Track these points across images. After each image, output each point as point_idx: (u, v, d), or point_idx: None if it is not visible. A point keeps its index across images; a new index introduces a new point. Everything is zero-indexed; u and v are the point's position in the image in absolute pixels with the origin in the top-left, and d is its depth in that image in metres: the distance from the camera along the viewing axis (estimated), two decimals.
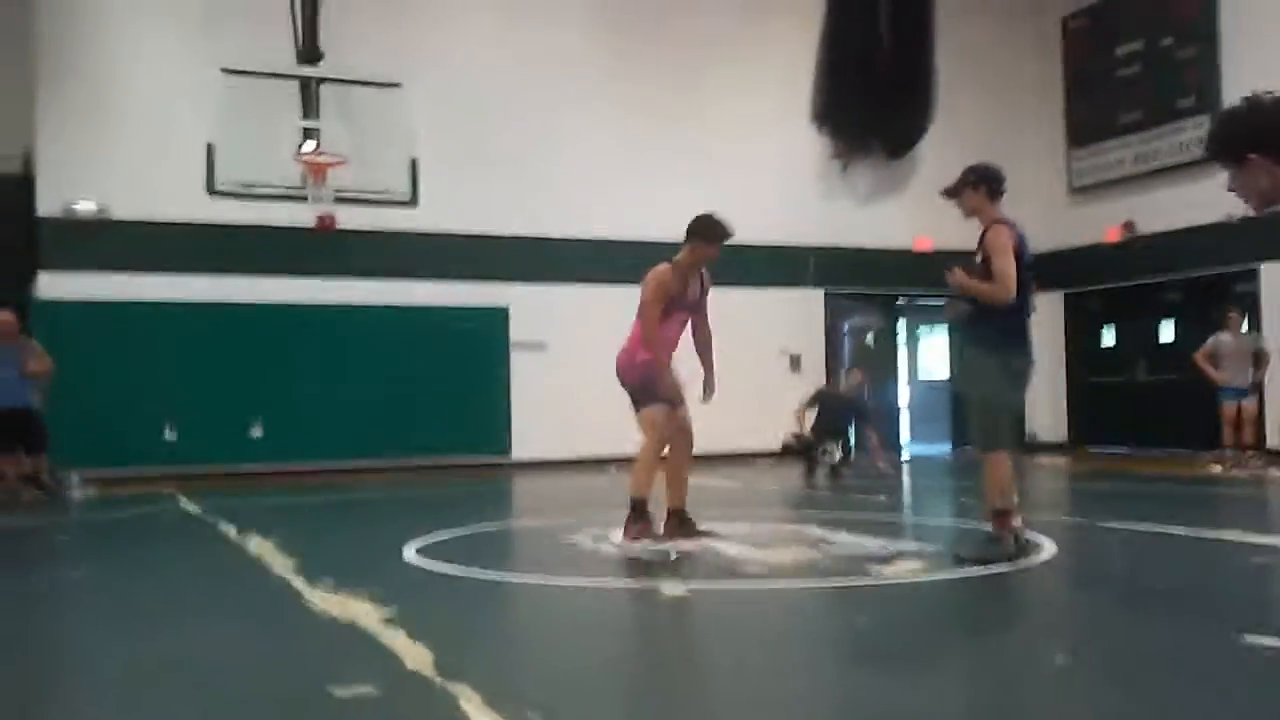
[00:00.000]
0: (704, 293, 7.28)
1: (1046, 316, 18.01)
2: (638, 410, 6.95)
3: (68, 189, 13.56)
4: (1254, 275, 14.64)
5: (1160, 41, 16.04)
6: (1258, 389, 12.60)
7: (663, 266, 7.03)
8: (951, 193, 6.49)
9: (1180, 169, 15.43)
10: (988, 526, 6.02)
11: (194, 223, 13.64)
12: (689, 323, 7.21)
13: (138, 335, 13.37)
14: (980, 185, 6.41)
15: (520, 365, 14.96)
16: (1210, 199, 13.40)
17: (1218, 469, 12.16)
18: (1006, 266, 5.95)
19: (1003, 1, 18.00)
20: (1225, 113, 3.84)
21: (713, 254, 7.12)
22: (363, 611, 4.69)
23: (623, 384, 7.04)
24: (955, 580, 5.61)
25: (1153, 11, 16.14)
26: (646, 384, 6.88)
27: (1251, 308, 14.11)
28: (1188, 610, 4.79)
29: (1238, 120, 3.61)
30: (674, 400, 6.93)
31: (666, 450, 7.01)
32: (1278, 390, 13.03)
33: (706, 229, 7.09)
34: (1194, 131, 15.28)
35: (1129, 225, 16.55)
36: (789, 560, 6.08)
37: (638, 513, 6.84)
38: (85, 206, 13.57)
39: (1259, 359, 12.38)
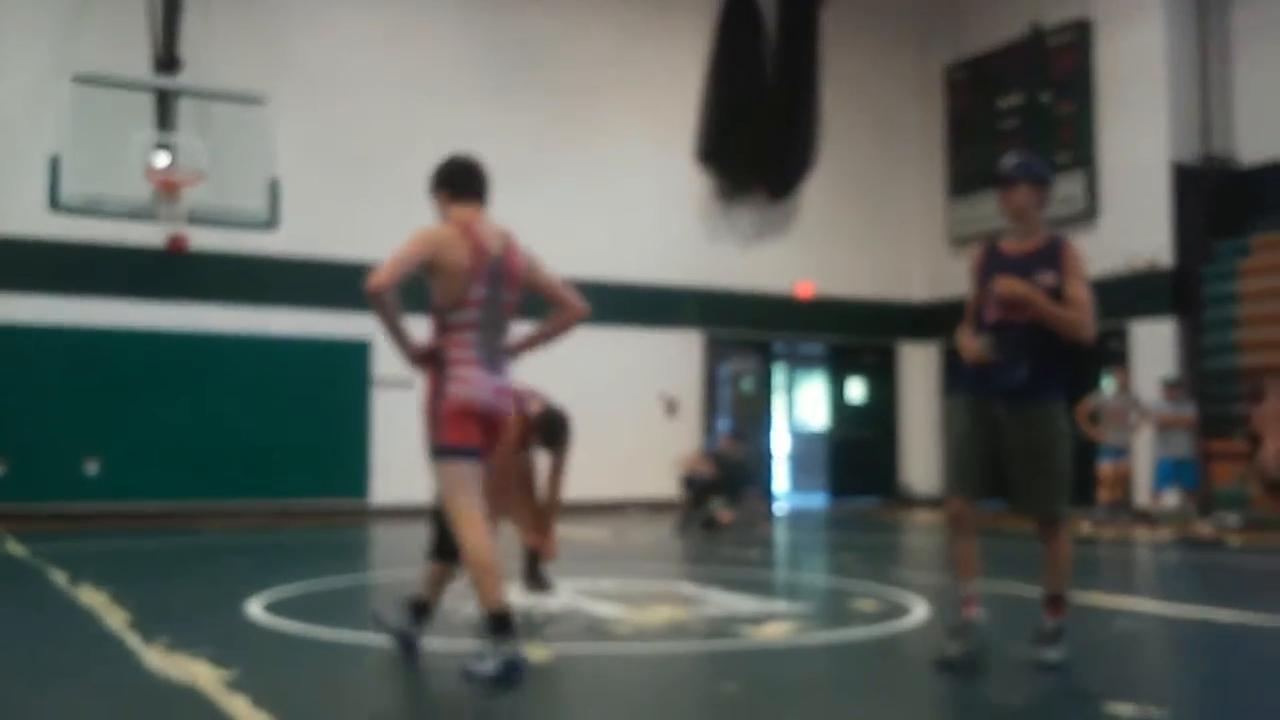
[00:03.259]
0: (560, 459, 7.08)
1: (924, 368, 18.18)
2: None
3: None
4: (1124, 334, 14.87)
5: (1039, 96, 16.34)
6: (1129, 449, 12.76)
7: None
8: (1002, 184, 5.05)
9: (1058, 224, 15.67)
10: (1049, 619, 4.92)
11: (32, 239, 12.79)
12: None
13: None
14: (1044, 186, 5.07)
15: (383, 403, 14.31)
16: (1086, 252, 13.61)
17: (1086, 528, 12.20)
18: (1087, 292, 4.81)
19: (889, 47, 18.21)
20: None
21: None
22: (202, 674, 4.47)
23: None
24: (826, 645, 5.50)
25: (1031, 67, 16.45)
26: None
27: (1121, 366, 14.30)
28: (1052, 676, 4.73)
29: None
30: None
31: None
32: (1143, 450, 13.18)
33: (542, 426, 6.88)
34: (1071, 186, 15.54)
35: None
36: (659, 620, 5.89)
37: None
38: None
39: (1137, 418, 12.50)
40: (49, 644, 5.41)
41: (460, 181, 4.82)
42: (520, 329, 4.98)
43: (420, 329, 4.55)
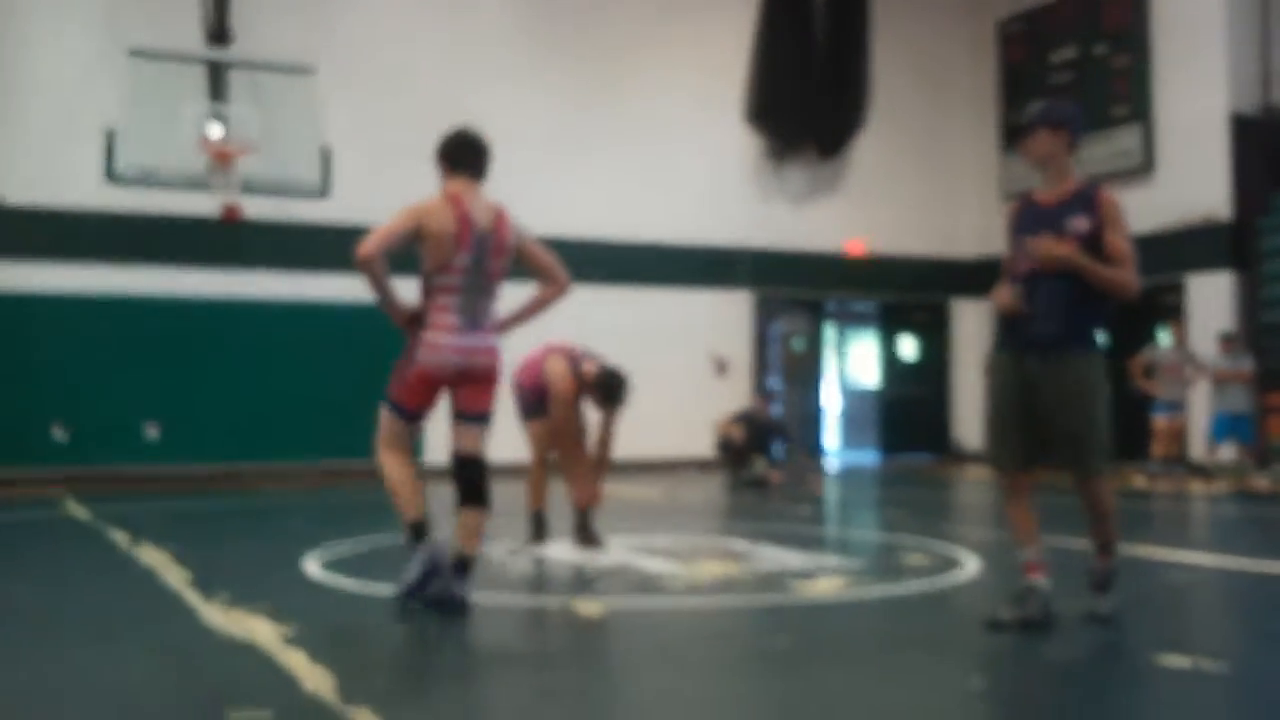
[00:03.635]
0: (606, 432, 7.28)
1: (976, 324, 18.05)
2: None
3: None
4: (1180, 288, 14.66)
5: (1093, 49, 16.07)
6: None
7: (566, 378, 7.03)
8: (1022, 132, 4.84)
9: (1113, 177, 15.43)
10: (1100, 565, 4.93)
11: (92, 211, 13.05)
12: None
13: (28, 327, 12.82)
14: (1063, 129, 4.78)
15: None
16: (1142, 207, 13.42)
17: (1141, 481, 12.11)
18: (1129, 245, 4.66)
19: (939, 3, 17.95)
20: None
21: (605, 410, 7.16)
22: (261, 629, 4.50)
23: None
24: (876, 599, 5.49)
25: (1086, 19, 16.17)
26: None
27: (1177, 320, 14.12)
28: (1104, 629, 4.72)
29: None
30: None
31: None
32: (1199, 404, 13.02)
33: (600, 386, 7.11)
34: (1127, 140, 15.30)
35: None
36: (710, 576, 5.91)
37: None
38: None
39: (1192, 373, 12.35)
40: (112, 602, 5.51)
41: (458, 155, 5.27)
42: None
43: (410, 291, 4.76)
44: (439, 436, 5.84)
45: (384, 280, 4.93)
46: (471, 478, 5.20)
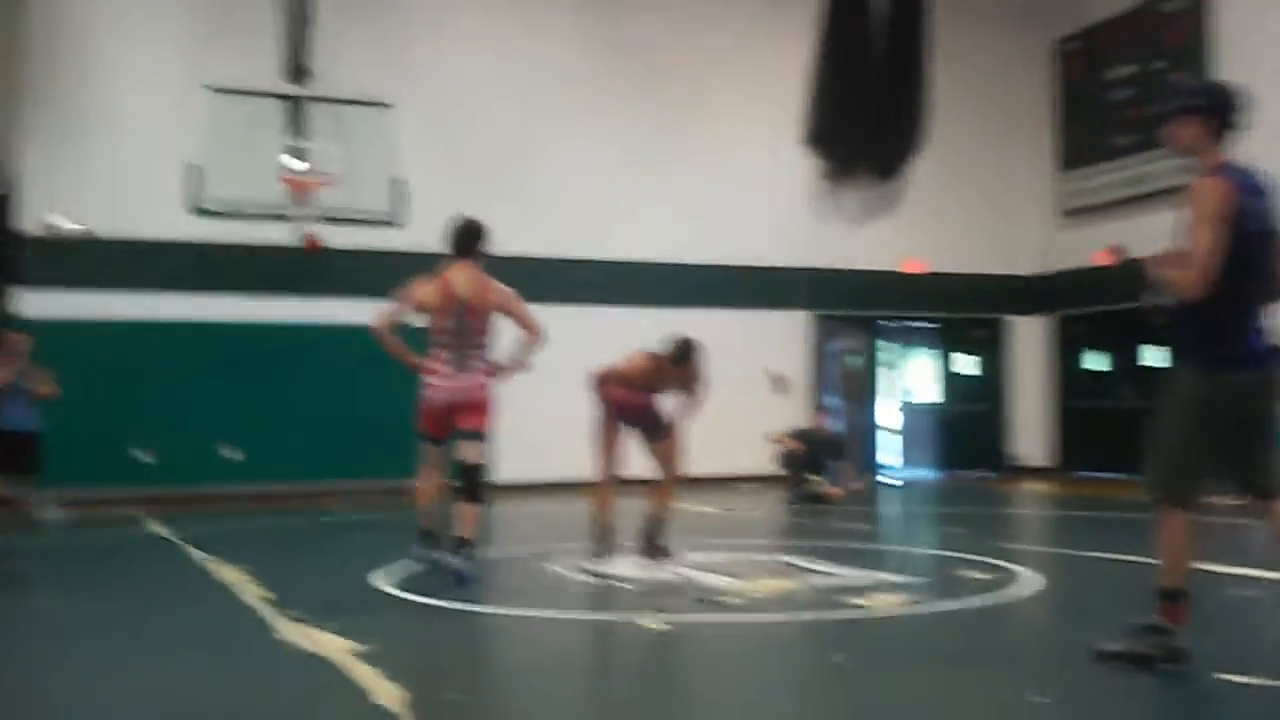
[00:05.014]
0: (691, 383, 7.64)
1: (1035, 340, 18.05)
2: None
3: (50, 206, 13.43)
4: None
5: (1152, 65, 16.04)
6: None
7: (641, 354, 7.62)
8: (1161, 120, 4.42)
9: (1172, 193, 15.39)
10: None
11: (176, 241, 13.55)
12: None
13: (115, 354, 13.23)
14: (1204, 114, 4.27)
15: (500, 387, 14.79)
16: None
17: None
18: (1205, 239, 4.10)
19: (997, 22, 18.00)
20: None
21: (685, 371, 7.59)
22: (333, 644, 4.61)
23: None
24: (937, 613, 5.55)
25: (1145, 36, 16.14)
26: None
27: None
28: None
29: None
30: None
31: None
32: None
33: (673, 353, 7.61)
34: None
35: (1118, 249, 16.52)
36: (769, 591, 6.01)
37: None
38: (67, 224, 13.45)
39: None
40: (192, 617, 5.73)
41: (451, 244, 6.87)
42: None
43: None
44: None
45: (395, 344, 6.81)
46: (470, 480, 6.61)
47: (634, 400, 7.39)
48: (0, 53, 13.58)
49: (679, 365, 7.46)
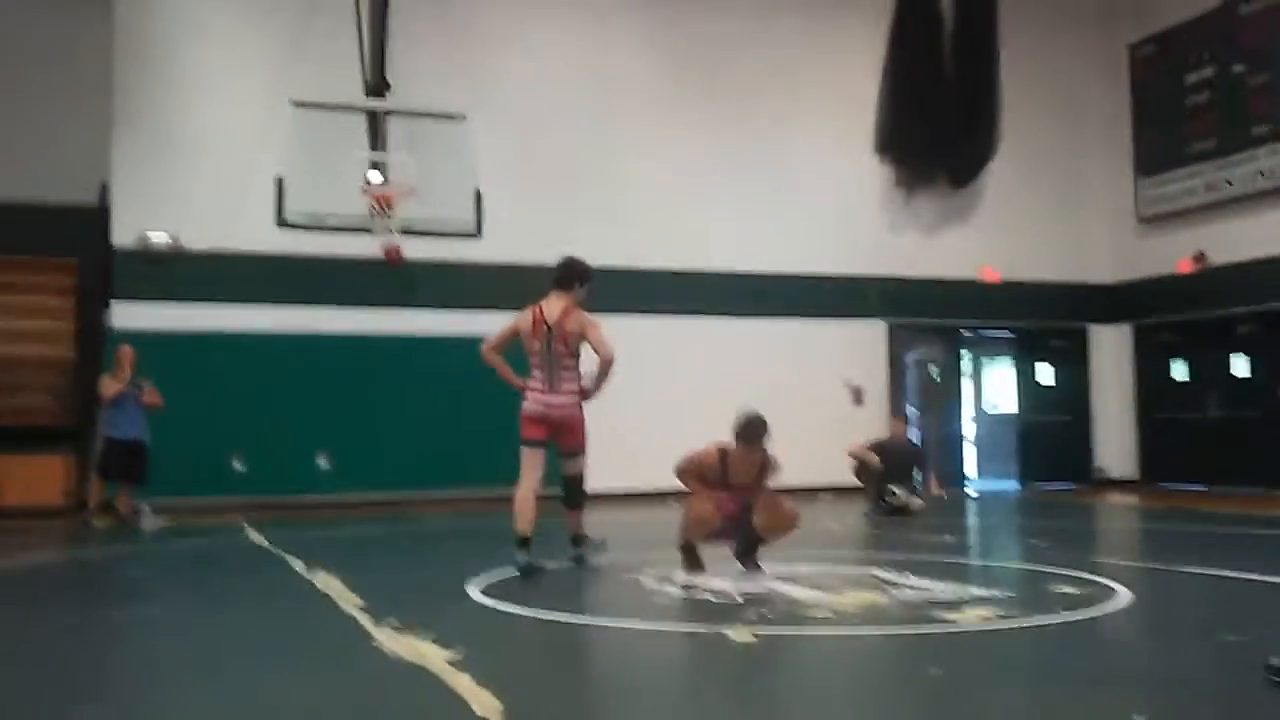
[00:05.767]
0: (765, 472, 7.40)
1: (1116, 349, 17.80)
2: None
3: (142, 220, 13.87)
4: None
5: (1231, 68, 15.80)
6: None
7: (710, 449, 7.36)
8: None
9: (1254, 198, 15.16)
10: None
11: (264, 254, 13.89)
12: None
13: (207, 365, 13.64)
14: None
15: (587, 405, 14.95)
16: None
17: None
18: None
19: (1069, 29, 17.86)
20: None
21: (751, 456, 7.28)
22: (429, 653, 4.67)
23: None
24: (1028, 628, 5.49)
25: (1222, 38, 15.91)
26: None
27: None
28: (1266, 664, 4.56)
29: None
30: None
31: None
32: None
33: (740, 429, 7.27)
34: (1268, 159, 15.00)
35: (1200, 256, 16.27)
36: (857, 605, 6.00)
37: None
38: (159, 237, 13.86)
39: None
40: (291, 625, 5.84)
41: (553, 276, 7.82)
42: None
43: None
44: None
45: (501, 366, 7.83)
46: (571, 491, 7.83)
47: (731, 508, 7.32)
48: (92, 72, 14.02)
49: (748, 444, 7.24)
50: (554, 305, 7.66)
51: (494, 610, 6.00)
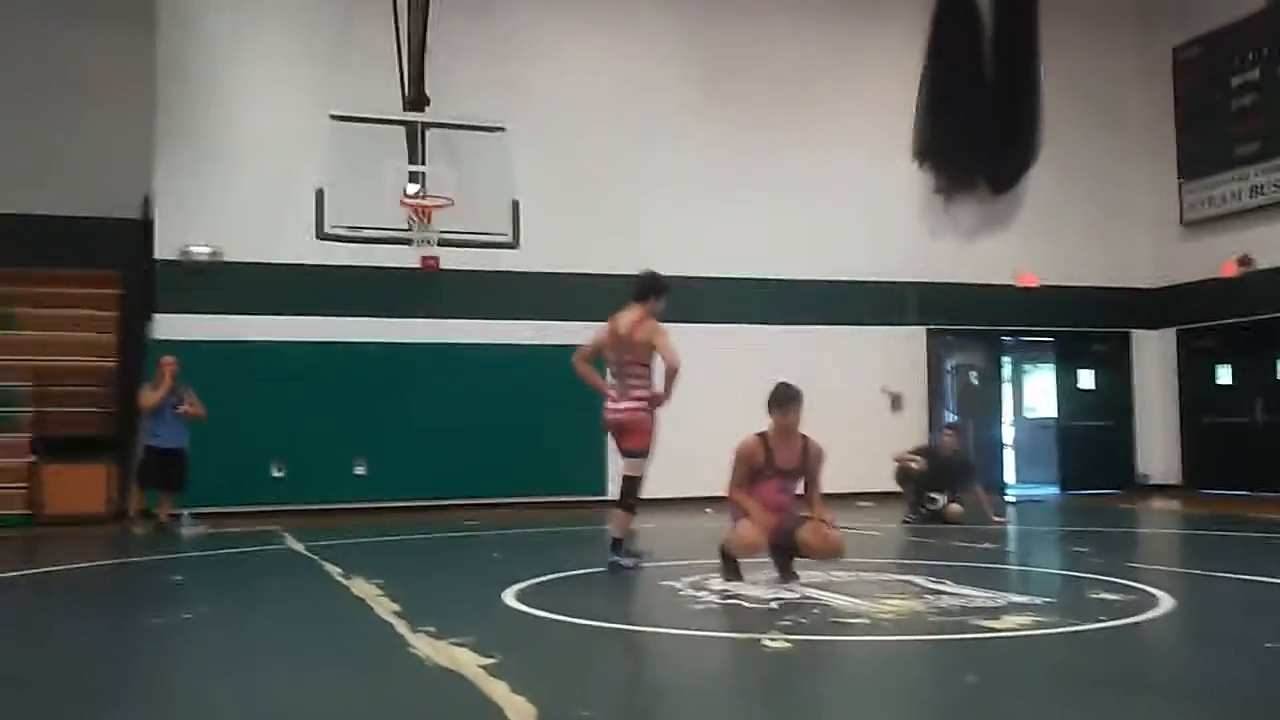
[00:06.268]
0: (809, 458, 7.26)
1: (1159, 354, 17.60)
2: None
3: (184, 233, 14.04)
4: None
5: (1276, 70, 15.61)
6: None
7: (749, 436, 7.27)
8: None
9: None
10: None
11: (304, 265, 14.02)
12: (801, 483, 7.35)
13: (247, 375, 13.75)
14: None
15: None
16: None
17: None
18: None
19: (1110, 33, 17.70)
20: None
21: (787, 421, 7.17)
22: (465, 659, 4.69)
23: None
24: (1067, 635, 5.44)
25: (1267, 40, 15.71)
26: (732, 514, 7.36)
27: None
28: None
29: None
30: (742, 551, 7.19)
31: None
32: None
33: (771, 398, 7.23)
34: None
35: (1246, 259, 16.06)
36: (894, 612, 5.97)
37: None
38: (200, 250, 14.04)
39: None
40: (328, 631, 5.88)
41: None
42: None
43: None
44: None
45: (589, 374, 8.22)
46: (623, 490, 7.97)
47: (780, 499, 7.25)
48: (136, 87, 14.22)
49: (781, 410, 7.16)
50: (628, 316, 8.02)
51: (530, 616, 6.03)
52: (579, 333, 14.92)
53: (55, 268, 13.98)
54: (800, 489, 7.34)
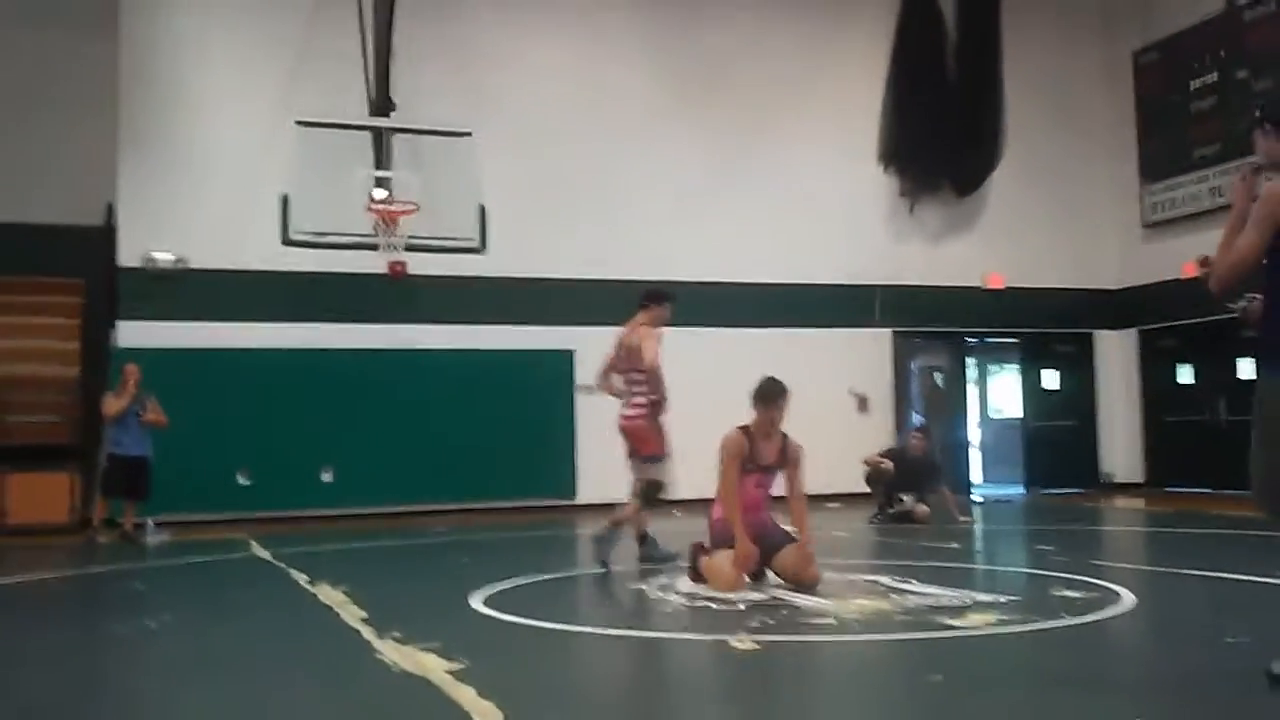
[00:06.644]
0: (788, 456, 7.19)
1: (1121, 354, 17.78)
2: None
3: (147, 240, 13.95)
4: None
5: (1235, 73, 15.80)
6: None
7: (732, 430, 7.12)
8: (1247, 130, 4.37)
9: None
10: None
11: (270, 271, 13.94)
12: (785, 480, 7.25)
13: (213, 382, 13.66)
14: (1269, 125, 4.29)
15: (586, 408, 14.98)
16: None
17: None
18: (1246, 238, 4.17)
19: (1072, 36, 17.89)
20: None
21: (771, 415, 7.11)
22: (432, 664, 4.68)
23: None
24: (1031, 632, 5.49)
25: (1226, 43, 15.92)
26: (715, 539, 7.13)
27: None
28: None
29: None
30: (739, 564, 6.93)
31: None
32: None
33: (757, 392, 7.17)
34: None
35: (1206, 260, 16.18)
36: (861, 612, 6.00)
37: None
38: (164, 256, 13.94)
39: None
40: (294, 638, 5.88)
41: None
42: None
43: None
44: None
45: (607, 388, 8.61)
46: (640, 491, 8.08)
47: (756, 495, 7.21)
48: (98, 92, 14.10)
49: (765, 406, 7.10)
50: (629, 326, 8.40)
51: (497, 621, 6.02)
52: (543, 337, 15.12)
53: (17, 275, 13.83)
54: (780, 487, 7.29)
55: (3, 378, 13.56)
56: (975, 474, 18.34)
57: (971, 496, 16.25)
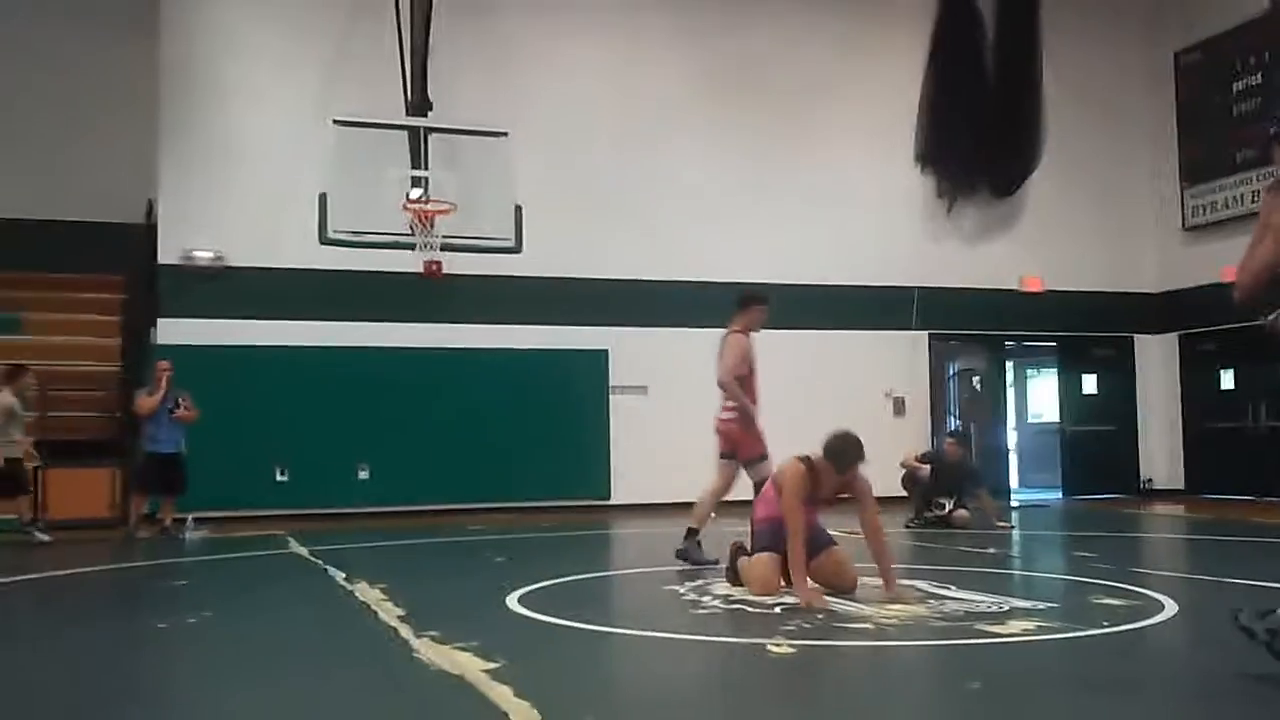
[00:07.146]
0: (857, 490, 7.00)
1: (1161, 359, 17.60)
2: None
3: (187, 237, 14.07)
4: None
5: (1277, 75, 15.62)
6: None
7: (793, 464, 6.80)
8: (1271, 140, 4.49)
9: None
10: None
11: (307, 270, 14.04)
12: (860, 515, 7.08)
13: (251, 379, 13.80)
14: None
15: (620, 408, 15.04)
16: None
17: None
18: (1265, 249, 4.27)
19: (1113, 37, 17.73)
20: None
21: (846, 479, 6.84)
22: (469, 664, 4.69)
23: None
24: (1071, 640, 5.43)
25: (1269, 44, 15.72)
26: (756, 541, 7.01)
27: None
28: None
29: None
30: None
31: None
32: None
33: (837, 455, 6.80)
34: None
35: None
36: (898, 617, 5.97)
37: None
38: (203, 254, 14.07)
39: None
40: (333, 635, 5.88)
41: None
42: None
43: None
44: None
45: (731, 388, 8.39)
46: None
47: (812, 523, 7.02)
48: (139, 92, 14.26)
49: (840, 468, 6.81)
50: (729, 328, 8.51)
51: (534, 621, 6.02)
52: (577, 337, 15.13)
53: (60, 272, 14.00)
54: (850, 513, 7.10)
55: (45, 374, 13.71)
56: (1013, 479, 18.21)
57: (1008, 501, 16.11)
